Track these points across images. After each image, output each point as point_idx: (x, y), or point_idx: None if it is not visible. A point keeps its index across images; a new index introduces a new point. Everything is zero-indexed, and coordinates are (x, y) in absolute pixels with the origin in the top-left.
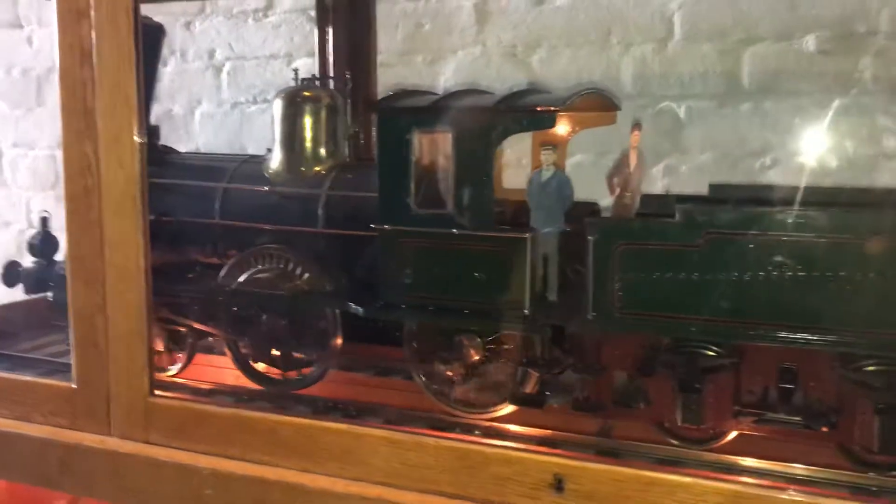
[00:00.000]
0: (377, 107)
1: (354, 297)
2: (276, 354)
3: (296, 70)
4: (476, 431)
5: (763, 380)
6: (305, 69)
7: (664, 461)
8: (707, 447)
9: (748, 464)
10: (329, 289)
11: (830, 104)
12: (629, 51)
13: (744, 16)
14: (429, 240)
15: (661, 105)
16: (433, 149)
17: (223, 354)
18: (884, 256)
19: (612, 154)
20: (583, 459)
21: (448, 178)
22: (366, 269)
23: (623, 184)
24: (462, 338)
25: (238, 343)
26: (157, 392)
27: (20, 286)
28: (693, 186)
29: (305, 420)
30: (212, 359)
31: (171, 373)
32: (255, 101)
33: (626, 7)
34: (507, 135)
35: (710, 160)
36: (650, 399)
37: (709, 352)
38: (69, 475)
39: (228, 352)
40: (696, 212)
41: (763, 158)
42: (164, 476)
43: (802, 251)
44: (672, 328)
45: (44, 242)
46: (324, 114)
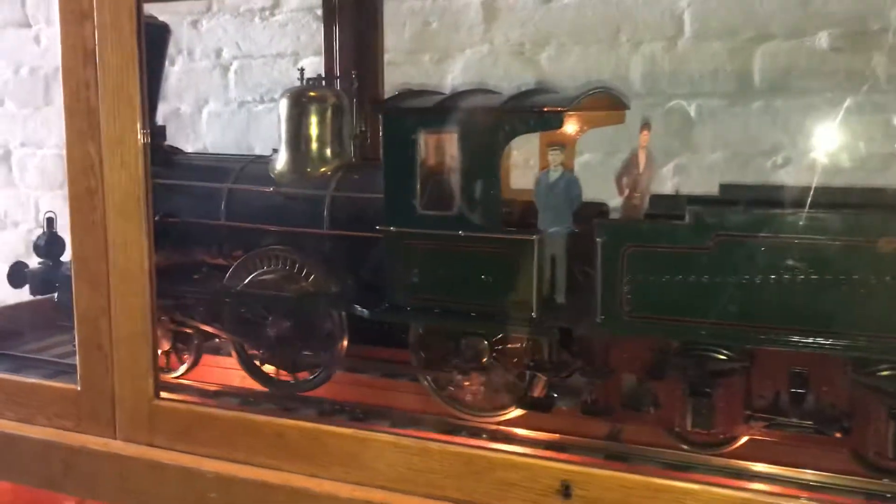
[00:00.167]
0: (383, 107)
1: (360, 299)
2: (282, 356)
3: (301, 69)
4: (483, 435)
5: (774, 384)
6: (312, 68)
7: (673, 466)
8: (717, 452)
9: (759, 469)
10: (335, 290)
11: (843, 102)
12: (638, 49)
13: (755, 13)
14: (435, 241)
15: (671, 104)
16: (439, 149)
17: (230, 356)
18: None
19: (621, 153)
20: (590, 465)
21: (454, 180)
22: (371, 271)
23: (632, 184)
24: (468, 341)
25: (244, 345)
26: (163, 394)
27: (26, 287)
28: (703, 186)
29: (311, 424)
30: (219, 360)
31: (178, 374)
32: (263, 101)
33: (636, 4)
34: (515, 135)
35: (721, 159)
36: (659, 403)
37: (719, 356)
38: (73, 478)
39: (234, 353)
40: (706, 213)
41: (774, 157)
42: (168, 479)
43: (815, 253)
44: (682, 331)
45: (49, 243)
46: (329, 114)
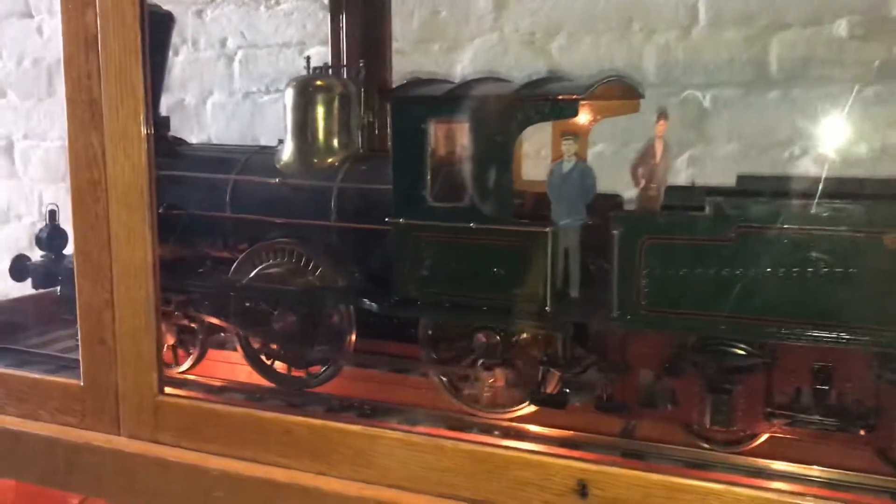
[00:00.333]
0: (391, 96)
1: (368, 293)
2: (289, 351)
3: (308, 58)
4: (495, 432)
5: (796, 380)
6: (318, 58)
7: (692, 464)
8: (737, 450)
9: (780, 468)
10: (342, 284)
11: (862, 92)
12: (652, 38)
13: (771, 0)
14: (445, 234)
15: (685, 94)
16: (450, 139)
17: (235, 350)
18: None
19: (635, 144)
20: (607, 464)
21: (465, 170)
22: (380, 264)
23: (648, 175)
24: (480, 335)
25: (249, 340)
26: (167, 390)
27: (29, 280)
28: (718, 177)
29: (319, 421)
30: (224, 354)
31: (183, 369)
32: (268, 91)
33: None
34: (528, 124)
35: (736, 150)
36: (677, 400)
37: (739, 351)
38: (77, 475)
39: (240, 348)
40: (727, 205)
41: (791, 148)
42: (173, 477)
43: (839, 245)
44: (700, 326)
45: (52, 236)
46: (336, 103)
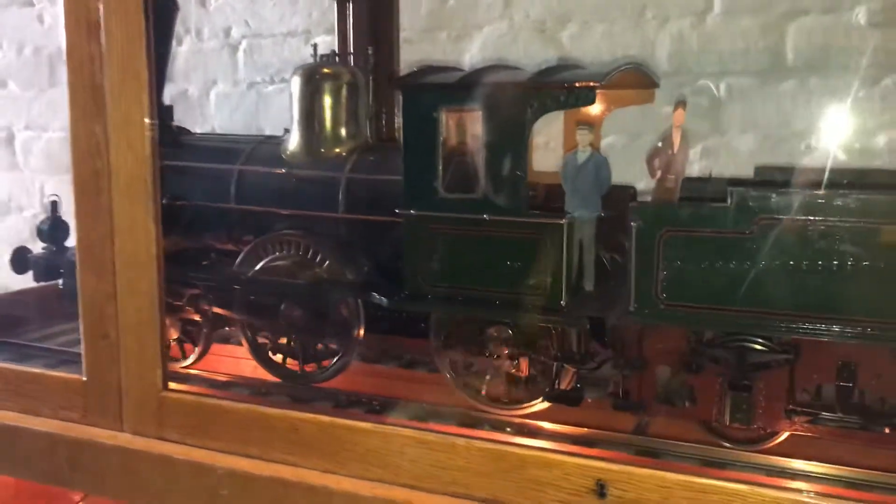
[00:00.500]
0: (401, 83)
1: (377, 287)
2: (296, 346)
3: (314, 46)
4: (507, 429)
5: (819, 377)
6: (325, 47)
7: (710, 463)
8: (757, 448)
9: (800, 466)
10: (350, 278)
11: (882, 81)
12: (665, 26)
13: None
14: (457, 226)
15: (699, 83)
16: (462, 128)
17: (240, 344)
18: None
19: (647, 135)
20: (627, 463)
21: (478, 160)
22: (389, 257)
23: (665, 166)
24: (493, 330)
25: (255, 334)
26: (171, 385)
27: (30, 273)
28: (733, 169)
29: (327, 417)
30: (229, 349)
31: (187, 364)
32: (273, 81)
33: None
34: (543, 112)
35: (752, 141)
36: (695, 397)
37: (760, 347)
38: (79, 472)
39: (245, 343)
40: (750, 196)
41: (808, 139)
42: (178, 475)
43: (865, 238)
44: (721, 321)
45: (53, 228)
46: (344, 92)
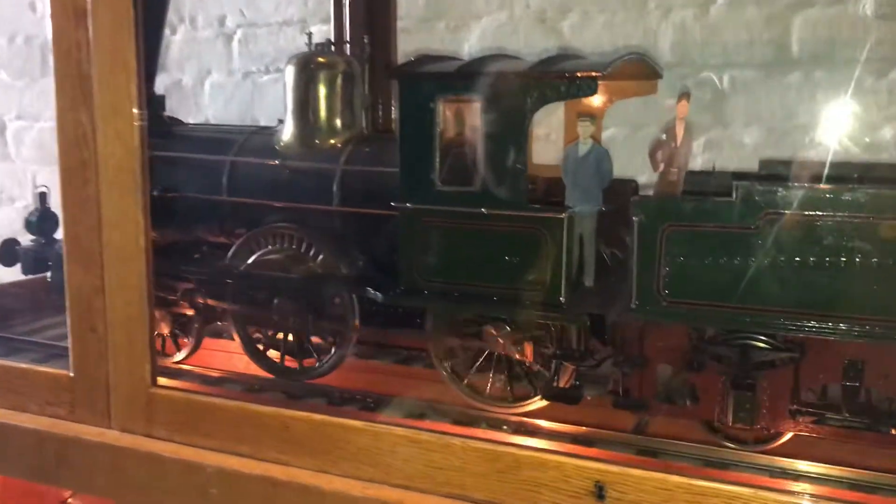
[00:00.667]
0: (398, 72)
1: (372, 282)
2: (289, 341)
3: (309, 34)
4: (504, 427)
5: (824, 376)
6: (321, 36)
7: (712, 463)
8: (760, 449)
9: (805, 468)
10: (345, 272)
11: (889, 74)
12: (668, 16)
13: None
14: (454, 219)
15: (702, 75)
16: (460, 119)
17: (233, 339)
18: None
19: (650, 127)
20: (626, 464)
21: (477, 152)
22: (385, 251)
23: (668, 159)
24: (490, 327)
25: (247, 329)
26: (162, 381)
27: (18, 265)
28: (736, 162)
29: (319, 416)
30: (222, 343)
31: (178, 359)
32: (268, 71)
33: None
34: (544, 103)
35: (756, 134)
36: (697, 396)
37: (764, 345)
38: (66, 469)
39: (237, 338)
40: (756, 190)
41: (812, 133)
42: (167, 473)
43: (873, 234)
44: (724, 318)
45: (42, 219)
46: (339, 82)
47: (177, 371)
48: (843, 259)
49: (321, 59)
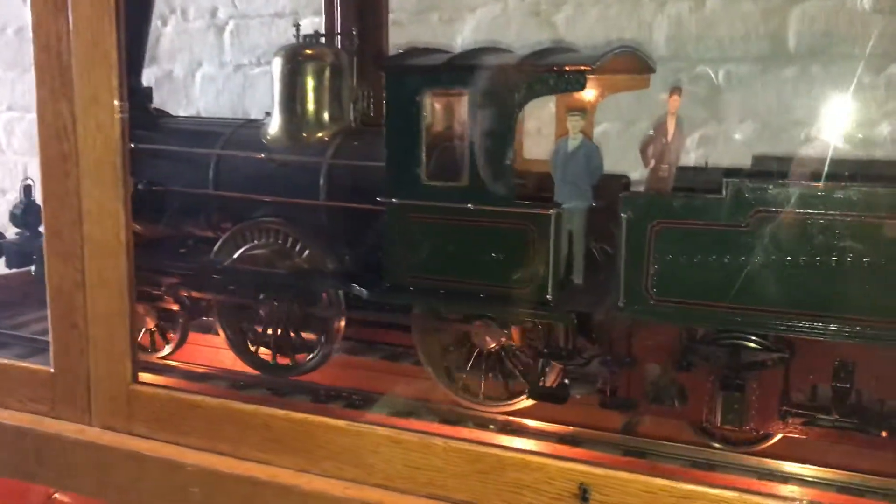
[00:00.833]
0: (384, 65)
1: (358, 278)
2: (274, 338)
3: (297, 25)
4: (491, 426)
5: (814, 377)
6: (313, 29)
7: (700, 464)
8: (749, 450)
9: (794, 470)
10: (331, 268)
11: (887, 69)
12: (663, 9)
13: None
14: (441, 215)
15: (698, 69)
16: (447, 113)
17: (219, 334)
18: None
19: (644, 122)
20: (610, 466)
21: (464, 146)
22: (372, 247)
23: (659, 155)
24: (477, 324)
25: (232, 325)
26: (145, 377)
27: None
28: (731, 158)
29: (300, 414)
30: (209, 338)
31: (163, 354)
32: (260, 63)
33: None
34: (532, 97)
35: (751, 130)
36: (686, 396)
37: (754, 345)
38: (45, 467)
39: (223, 333)
40: (746, 187)
41: (809, 128)
42: (147, 471)
43: (866, 233)
44: (713, 318)
45: (27, 212)
46: (327, 74)
47: (163, 367)
48: (835, 258)
49: (308, 51)
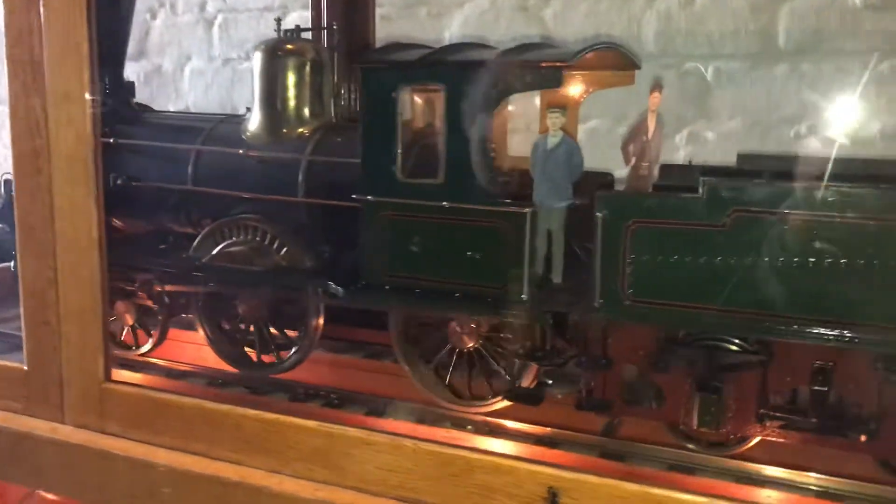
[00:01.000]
0: (360, 61)
1: (335, 276)
2: (252, 335)
3: (278, 20)
4: (468, 426)
5: (793, 380)
6: (302, 23)
7: (677, 467)
8: (726, 453)
9: (771, 473)
10: (309, 265)
11: (878, 66)
12: (653, 5)
13: None
14: (417, 213)
15: (687, 66)
16: (423, 109)
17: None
18: None
19: (632, 119)
20: (581, 470)
21: (440, 143)
22: (350, 244)
23: (639, 153)
24: (453, 323)
25: (211, 322)
26: (119, 375)
27: None
28: (720, 156)
29: (272, 415)
30: (191, 335)
31: (143, 351)
32: (248, 58)
33: None
34: (508, 93)
35: (740, 127)
36: (663, 398)
37: (731, 347)
38: (18, 465)
39: (201, 330)
40: (723, 186)
41: (798, 126)
42: (118, 471)
43: (846, 234)
44: (690, 319)
45: (7, 207)
46: (307, 69)
47: (143, 364)
48: (813, 260)
49: (288, 47)
